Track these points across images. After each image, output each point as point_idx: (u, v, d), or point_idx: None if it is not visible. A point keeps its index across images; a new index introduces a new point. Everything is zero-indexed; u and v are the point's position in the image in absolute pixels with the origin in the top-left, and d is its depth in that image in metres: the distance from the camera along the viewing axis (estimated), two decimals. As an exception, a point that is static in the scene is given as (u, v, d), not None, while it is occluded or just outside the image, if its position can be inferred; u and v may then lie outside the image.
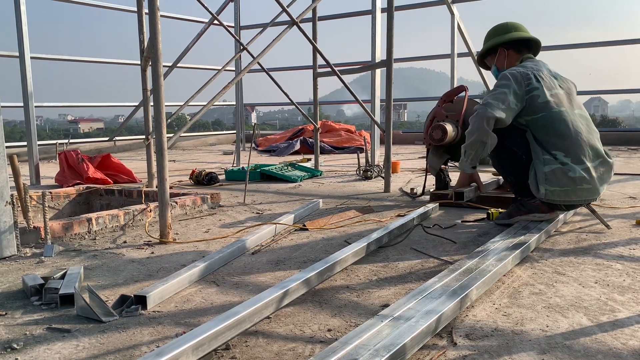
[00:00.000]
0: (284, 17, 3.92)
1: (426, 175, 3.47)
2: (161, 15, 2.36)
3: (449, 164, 3.37)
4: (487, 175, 3.67)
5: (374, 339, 1.23)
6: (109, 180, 4.24)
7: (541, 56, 2.73)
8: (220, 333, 1.27)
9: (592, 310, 1.49)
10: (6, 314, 1.56)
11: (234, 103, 7.65)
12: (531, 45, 2.65)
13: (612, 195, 3.25)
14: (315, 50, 4.38)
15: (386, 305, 1.55)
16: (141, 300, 1.59)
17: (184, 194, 3.23)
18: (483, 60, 2.82)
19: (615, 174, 2.40)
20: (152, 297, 1.61)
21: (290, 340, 1.36)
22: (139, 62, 3.74)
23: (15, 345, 1.33)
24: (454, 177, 3.90)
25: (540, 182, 2.33)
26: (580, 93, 2.61)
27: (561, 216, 2.49)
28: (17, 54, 4.55)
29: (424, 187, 3.43)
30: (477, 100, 3.20)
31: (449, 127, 3.01)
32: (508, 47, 2.63)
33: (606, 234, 2.36)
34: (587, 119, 2.44)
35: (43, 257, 2.15)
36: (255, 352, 1.29)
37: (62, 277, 1.79)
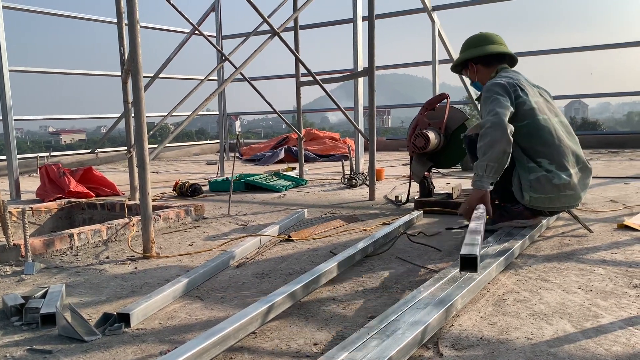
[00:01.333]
0: (266, 27, 3.92)
1: (410, 183, 3.48)
2: (141, 26, 2.35)
3: (432, 171, 3.38)
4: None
5: (360, 352, 1.23)
6: (91, 193, 4.18)
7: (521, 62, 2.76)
8: (205, 350, 1.25)
9: (576, 317, 1.51)
10: (-15, 335, 1.53)
11: (217, 112, 7.64)
12: (503, 57, 2.64)
13: (593, 199, 3.29)
14: (298, 60, 4.38)
15: (372, 317, 1.54)
16: (124, 318, 1.57)
17: (167, 207, 3.20)
18: (459, 68, 2.84)
19: (596, 177, 2.43)
20: (135, 314, 1.58)
21: (276, 355, 1.34)
22: (119, 74, 3.72)
23: (-6, 369, 1.31)
24: (437, 183, 3.92)
25: (524, 189, 2.34)
26: (561, 97, 2.65)
27: (544, 221, 2.51)
28: (-5, 67, 4.48)
29: (409, 194, 3.44)
30: (459, 107, 3.23)
31: (432, 135, 3.03)
32: (476, 62, 2.66)
33: (588, 238, 2.38)
34: (566, 125, 2.48)
35: (24, 275, 2.11)
36: (240, 368, 1.28)
37: (43, 295, 1.75)
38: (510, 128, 2.23)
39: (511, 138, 2.22)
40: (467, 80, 2.92)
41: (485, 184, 2.25)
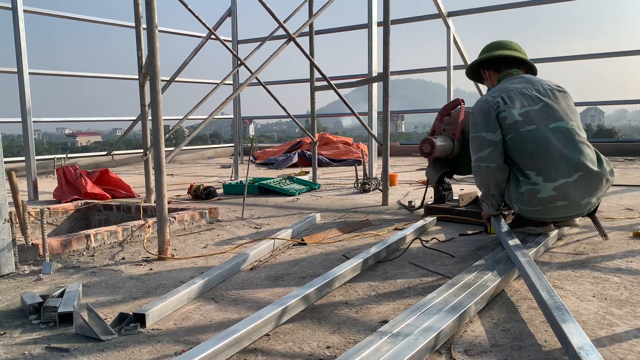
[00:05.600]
0: (282, 32, 3.95)
1: (426, 188, 3.47)
2: (159, 31, 2.38)
3: (453, 177, 3.37)
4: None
5: (373, 356, 1.24)
6: (107, 195, 4.24)
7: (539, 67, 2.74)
8: (220, 352, 1.27)
9: (590, 325, 1.50)
10: (4, 333, 1.56)
11: (232, 116, 7.69)
12: (515, 61, 2.61)
13: (609, 207, 3.26)
14: (313, 65, 4.41)
15: (385, 322, 1.55)
16: (140, 318, 1.59)
17: (182, 209, 3.23)
18: (477, 76, 2.86)
19: (612, 185, 2.39)
20: (151, 314, 1.60)
21: (290, 358, 1.36)
22: (136, 77, 3.76)
23: (13, 366, 1.33)
24: (453, 189, 3.90)
25: (514, 201, 2.36)
26: (576, 104, 2.58)
27: (558, 230, 2.49)
28: (15, 70, 4.57)
29: (424, 200, 3.44)
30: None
31: (440, 141, 3.03)
32: (488, 68, 2.68)
33: (603, 246, 2.36)
34: (567, 130, 2.31)
35: (41, 275, 2.15)
36: (254, 370, 1.29)
37: (61, 295, 1.78)
38: (490, 167, 2.36)
39: (494, 177, 2.37)
40: (482, 87, 2.97)
41: (490, 211, 2.52)
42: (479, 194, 2.64)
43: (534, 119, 2.33)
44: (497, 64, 2.63)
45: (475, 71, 2.79)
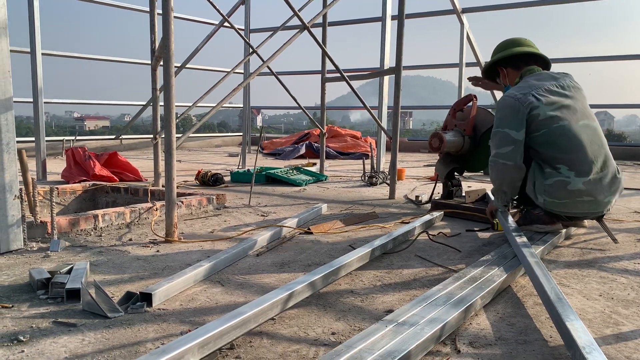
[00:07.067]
0: (294, 22, 3.94)
1: (435, 183, 3.47)
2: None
3: (465, 174, 3.36)
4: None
5: (378, 343, 1.24)
6: (115, 178, 4.25)
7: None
8: (226, 332, 1.28)
9: (596, 323, 1.50)
10: (13, 306, 1.58)
11: (241, 105, 7.68)
12: (532, 58, 2.60)
13: (617, 210, 3.25)
14: (325, 55, 4.39)
15: (390, 311, 1.55)
16: (147, 298, 1.60)
17: (189, 194, 3.24)
18: (492, 75, 2.84)
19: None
20: (157, 294, 1.61)
21: (295, 342, 1.36)
22: (146, 62, 3.77)
23: (21, 338, 1.34)
24: (463, 185, 3.90)
25: (539, 192, 2.35)
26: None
27: (565, 230, 2.49)
28: (28, 50, 4.58)
29: (432, 195, 3.43)
30: (489, 109, 3.20)
31: (448, 137, 3.02)
32: (506, 66, 2.66)
33: (611, 247, 2.35)
34: (593, 129, 2.38)
35: (49, 252, 2.16)
36: (259, 352, 1.30)
37: (69, 272, 1.80)
38: (508, 165, 2.37)
39: (509, 175, 2.40)
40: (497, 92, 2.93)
41: (497, 205, 2.52)
42: (489, 189, 2.64)
43: (565, 116, 2.35)
44: (515, 61, 2.61)
45: (491, 70, 2.76)
